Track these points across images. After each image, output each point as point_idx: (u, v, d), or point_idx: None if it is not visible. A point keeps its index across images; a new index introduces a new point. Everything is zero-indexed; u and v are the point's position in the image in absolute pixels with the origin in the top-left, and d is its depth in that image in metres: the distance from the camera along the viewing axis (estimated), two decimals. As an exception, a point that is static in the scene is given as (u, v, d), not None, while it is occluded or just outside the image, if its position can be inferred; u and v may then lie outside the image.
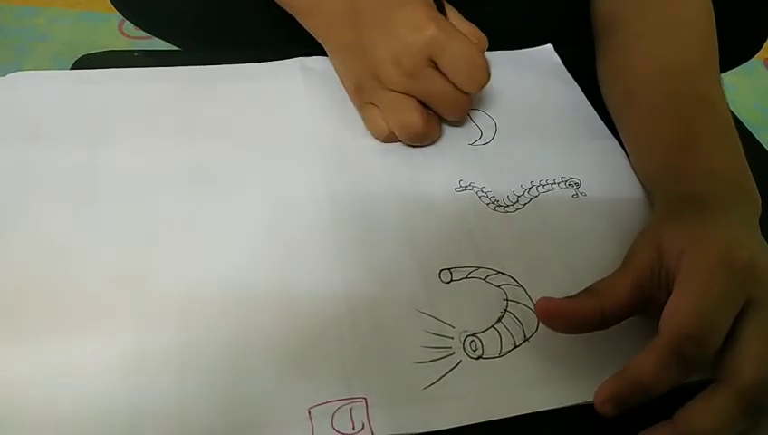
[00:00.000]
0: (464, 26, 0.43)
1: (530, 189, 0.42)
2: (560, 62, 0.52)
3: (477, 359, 0.33)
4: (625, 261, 0.34)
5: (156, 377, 0.31)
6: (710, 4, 0.47)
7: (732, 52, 0.52)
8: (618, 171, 0.44)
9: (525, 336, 0.34)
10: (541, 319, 0.33)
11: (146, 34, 0.62)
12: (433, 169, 0.42)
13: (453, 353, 0.33)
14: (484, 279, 0.36)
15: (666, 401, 0.29)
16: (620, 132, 0.46)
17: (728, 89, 0.43)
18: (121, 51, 0.51)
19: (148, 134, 0.42)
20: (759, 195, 0.37)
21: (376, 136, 0.43)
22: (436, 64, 0.40)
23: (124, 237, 0.36)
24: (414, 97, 0.41)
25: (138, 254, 0.36)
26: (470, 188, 0.41)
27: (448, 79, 0.40)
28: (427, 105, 0.42)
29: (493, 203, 0.41)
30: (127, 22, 0.62)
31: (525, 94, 0.49)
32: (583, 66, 0.51)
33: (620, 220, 0.40)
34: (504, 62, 0.49)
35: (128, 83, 0.45)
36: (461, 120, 0.45)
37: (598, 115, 0.48)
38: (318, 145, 0.43)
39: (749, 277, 0.30)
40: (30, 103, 0.43)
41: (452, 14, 0.43)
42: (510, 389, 0.32)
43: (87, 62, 0.50)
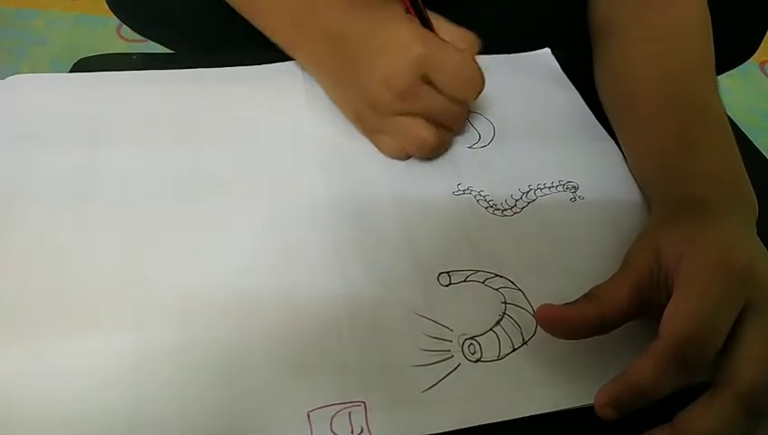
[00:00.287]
0: (452, 31, 0.42)
1: (528, 193, 0.42)
2: (557, 65, 0.52)
3: (476, 362, 0.33)
4: (623, 264, 0.34)
5: (155, 378, 0.31)
6: (707, 8, 0.47)
7: (728, 54, 0.53)
8: (615, 174, 0.44)
9: (524, 339, 0.34)
10: (541, 325, 0.32)
11: (144, 38, 0.62)
12: (431, 173, 0.42)
13: (452, 357, 0.33)
14: (482, 282, 0.36)
15: (665, 404, 0.29)
16: (618, 134, 0.46)
17: (724, 92, 0.43)
18: (120, 54, 0.52)
19: (147, 135, 0.42)
20: (756, 197, 0.37)
21: (392, 157, 0.43)
22: (428, 80, 0.40)
23: (124, 238, 0.36)
24: (416, 115, 0.41)
25: (137, 254, 0.36)
26: (468, 192, 0.41)
27: (443, 93, 0.40)
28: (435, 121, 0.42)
29: (491, 207, 0.41)
30: (125, 25, 0.62)
31: (523, 98, 0.49)
32: (581, 69, 0.51)
33: (618, 223, 0.40)
34: (502, 65, 0.49)
35: (127, 86, 0.45)
36: (464, 128, 0.45)
37: (595, 118, 0.48)
38: (318, 147, 0.43)
39: (747, 280, 0.30)
40: (30, 106, 0.43)
41: (438, 22, 0.42)
42: (509, 392, 0.32)
43: (85, 65, 0.50)
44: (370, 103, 0.41)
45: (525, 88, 0.49)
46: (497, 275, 0.37)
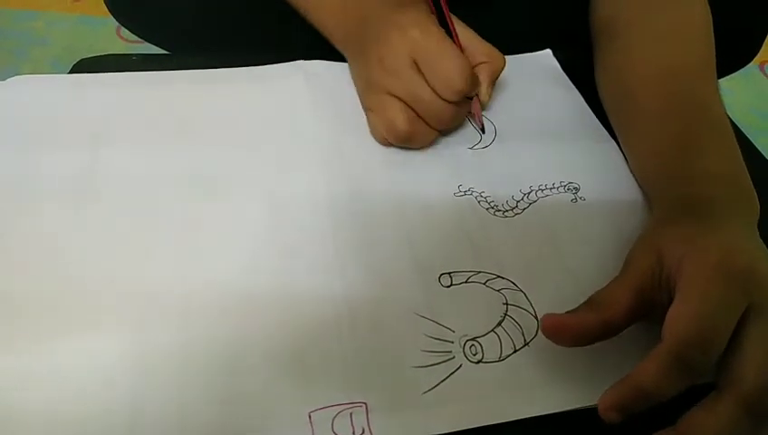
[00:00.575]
0: (478, 45, 0.43)
1: (529, 194, 0.42)
2: (558, 66, 0.52)
3: (477, 363, 0.33)
4: (625, 267, 0.34)
5: (156, 378, 0.31)
6: (708, 9, 0.47)
7: (729, 56, 0.53)
8: (616, 175, 0.44)
9: (525, 340, 0.34)
10: (545, 335, 0.32)
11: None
12: (432, 174, 0.42)
13: (453, 358, 0.33)
14: (483, 283, 0.36)
15: (668, 407, 0.29)
16: (618, 134, 0.46)
17: (724, 93, 0.43)
18: (119, 55, 0.52)
19: (148, 136, 0.42)
20: (757, 197, 0.37)
21: (376, 139, 0.44)
22: (419, 68, 0.40)
23: (125, 238, 0.36)
24: (399, 99, 0.41)
25: (138, 255, 0.36)
26: (469, 193, 0.41)
27: (429, 85, 0.40)
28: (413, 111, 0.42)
29: (492, 208, 0.41)
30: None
31: (524, 99, 0.49)
32: (582, 70, 0.51)
33: (619, 224, 0.40)
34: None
35: (129, 87, 0.45)
36: (446, 129, 0.44)
37: (597, 119, 0.48)
38: (318, 148, 0.43)
39: (749, 283, 0.30)
40: (31, 107, 0.43)
41: (466, 34, 0.43)
42: (510, 393, 0.32)
43: (85, 65, 0.50)
44: (367, 79, 0.43)
45: (527, 89, 0.49)
46: (498, 277, 0.37)
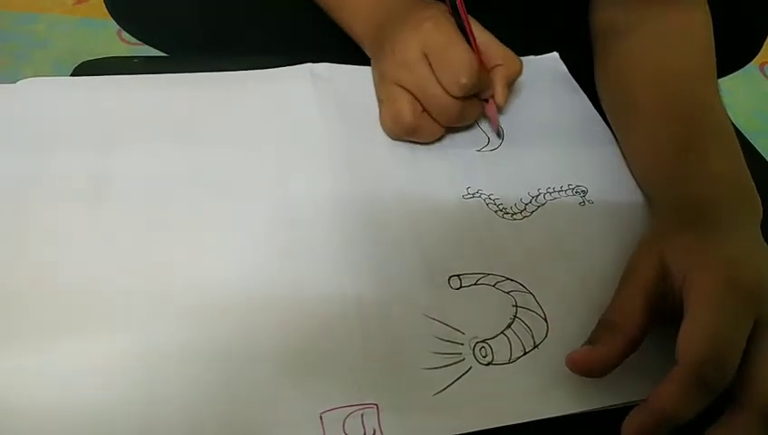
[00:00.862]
0: (495, 48, 0.44)
1: (537, 197, 0.42)
2: (565, 69, 0.52)
3: (487, 365, 0.33)
4: (628, 276, 0.33)
5: (167, 377, 0.31)
6: (708, 11, 0.47)
7: (729, 57, 0.53)
8: (624, 178, 0.44)
9: (535, 343, 0.34)
10: (576, 373, 0.31)
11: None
12: (440, 176, 0.42)
13: (463, 360, 0.33)
14: (493, 286, 0.37)
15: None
16: (619, 135, 0.46)
17: (724, 94, 0.43)
18: (121, 57, 0.52)
19: (156, 138, 0.42)
20: (759, 198, 0.37)
21: (384, 130, 0.44)
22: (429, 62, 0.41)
23: (125, 239, 0.36)
24: (407, 90, 0.42)
25: (141, 255, 0.36)
26: (478, 196, 0.41)
27: (437, 79, 0.41)
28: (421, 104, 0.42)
29: (500, 210, 0.41)
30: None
31: (532, 102, 0.49)
32: (588, 73, 0.51)
33: (627, 227, 0.40)
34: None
35: (137, 89, 0.46)
36: (452, 126, 0.44)
37: (604, 122, 0.48)
38: (326, 149, 0.43)
39: (757, 296, 0.30)
40: (41, 109, 0.43)
41: (483, 36, 0.43)
42: (520, 395, 0.32)
43: (87, 68, 0.50)
44: (380, 71, 0.44)
45: (534, 92, 0.49)
46: (508, 279, 0.37)
